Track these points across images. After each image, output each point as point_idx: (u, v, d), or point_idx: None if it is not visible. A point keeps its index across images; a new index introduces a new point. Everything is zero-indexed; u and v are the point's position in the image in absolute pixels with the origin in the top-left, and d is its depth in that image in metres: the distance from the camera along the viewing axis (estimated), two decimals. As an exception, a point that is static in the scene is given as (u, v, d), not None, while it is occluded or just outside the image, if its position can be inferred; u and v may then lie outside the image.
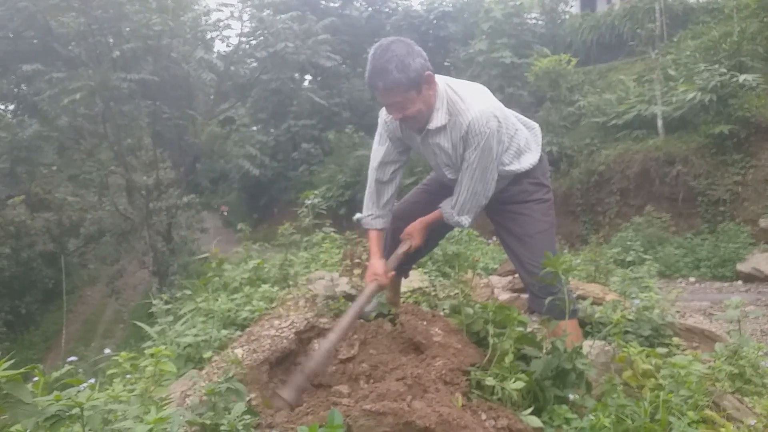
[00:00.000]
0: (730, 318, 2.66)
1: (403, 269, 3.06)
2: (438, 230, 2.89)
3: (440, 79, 2.45)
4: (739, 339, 2.62)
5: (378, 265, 2.66)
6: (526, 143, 2.62)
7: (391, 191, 2.75)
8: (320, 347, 2.49)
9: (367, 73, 2.34)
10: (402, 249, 2.75)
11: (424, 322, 2.54)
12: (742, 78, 11.58)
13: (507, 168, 2.57)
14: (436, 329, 2.47)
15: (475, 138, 2.37)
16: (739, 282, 9.76)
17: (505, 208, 2.67)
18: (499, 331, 2.32)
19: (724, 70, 11.81)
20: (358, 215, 2.88)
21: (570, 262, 2.35)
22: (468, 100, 2.41)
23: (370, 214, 2.75)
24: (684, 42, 15.78)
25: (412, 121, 2.46)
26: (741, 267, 9.91)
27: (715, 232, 11.28)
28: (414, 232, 2.74)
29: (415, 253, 2.88)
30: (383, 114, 2.65)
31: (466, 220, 2.57)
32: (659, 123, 12.59)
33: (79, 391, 2.06)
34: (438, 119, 2.42)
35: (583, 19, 20.79)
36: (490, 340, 2.31)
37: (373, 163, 2.76)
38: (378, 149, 2.74)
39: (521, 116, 2.71)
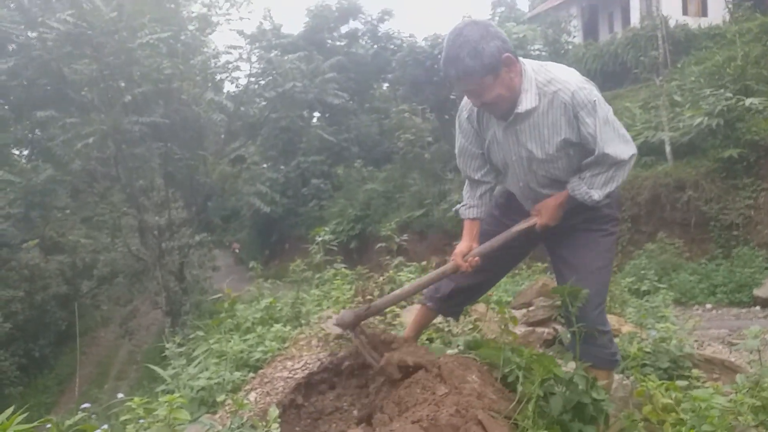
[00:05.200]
0: (750, 348, 2.61)
1: (454, 310, 2.89)
2: (512, 254, 2.68)
3: (527, 62, 2.31)
4: (760, 369, 2.56)
5: (462, 246, 2.48)
6: None
7: (484, 187, 2.58)
8: (389, 295, 2.63)
9: (441, 60, 2.24)
10: (523, 225, 2.46)
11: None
12: (748, 101, 11.59)
13: None
14: (473, 377, 2.35)
15: (586, 106, 2.23)
16: (757, 307, 9.58)
17: (569, 235, 2.47)
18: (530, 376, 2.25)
19: (730, 95, 11.84)
20: (456, 207, 2.72)
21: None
22: (562, 77, 2.26)
23: (465, 204, 2.60)
24: (688, 68, 15.88)
25: (493, 108, 2.30)
26: (758, 292, 9.74)
27: (729, 257, 11.14)
28: (543, 208, 2.43)
29: (478, 287, 2.74)
30: (460, 114, 2.54)
31: (597, 193, 2.31)
32: (667, 149, 12.57)
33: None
34: (528, 101, 2.25)
35: (586, 48, 21.04)
36: (519, 388, 2.24)
37: (459, 165, 2.63)
38: (458, 152, 2.62)
39: None
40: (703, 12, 22.12)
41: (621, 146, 2.28)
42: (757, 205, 11.35)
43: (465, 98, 2.48)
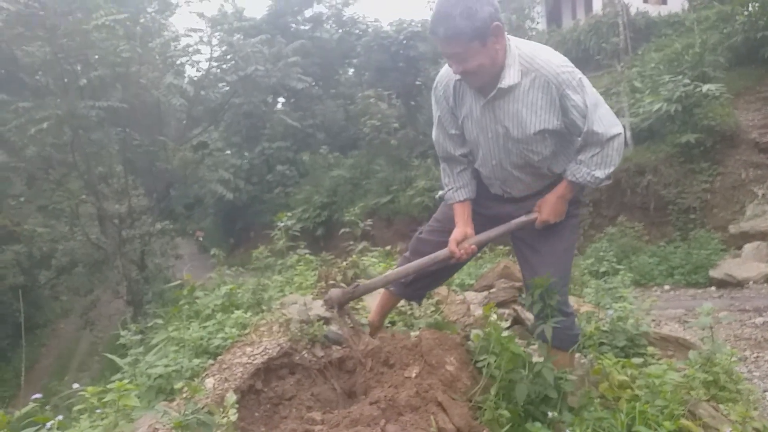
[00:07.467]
0: (703, 325, 2.67)
1: (417, 294, 2.90)
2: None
3: (512, 38, 2.25)
4: (712, 346, 2.62)
5: (457, 233, 2.40)
6: None
7: (461, 166, 2.52)
8: (378, 277, 2.72)
9: (430, 18, 2.14)
10: (523, 219, 2.42)
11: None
12: (705, 88, 11.85)
13: (553, 168, 2.37)
14: (452, 358, 2.33)
15: (571, 84, 2.16)
16: (713, 288, 9.85)
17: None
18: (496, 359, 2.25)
19: (688, 81, 12.08)
20: (440, 193, 2.67)
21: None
22: (546, 56, 2.21)
23: (450, 187, 2.53)
24: (648, 54, 16.16)
25: (473, 78, 2.21)
26: (713, 273, 10.01)
27: (686, 239, 11.42)
28: (543, 204, 2.38)
29: (441, 272, 2.72)
30: (436, 88, 2.46)
31: (601, 172, 2.25)
32: (628, 134, 12.77)
33: (38, 429, 1.99)
34: (512, 77, 2.18)
35: (549, 35, 21.20)
36: (484, 371, 2.24)
37: (435, 140, 2.56)
38: (435, 126, 2.55)
39: None
40: (663, 0, 22.52)
41: (607, 125, 2.22)
42: (713, 189, 11.66)
43: (441, 72, 2.42)
